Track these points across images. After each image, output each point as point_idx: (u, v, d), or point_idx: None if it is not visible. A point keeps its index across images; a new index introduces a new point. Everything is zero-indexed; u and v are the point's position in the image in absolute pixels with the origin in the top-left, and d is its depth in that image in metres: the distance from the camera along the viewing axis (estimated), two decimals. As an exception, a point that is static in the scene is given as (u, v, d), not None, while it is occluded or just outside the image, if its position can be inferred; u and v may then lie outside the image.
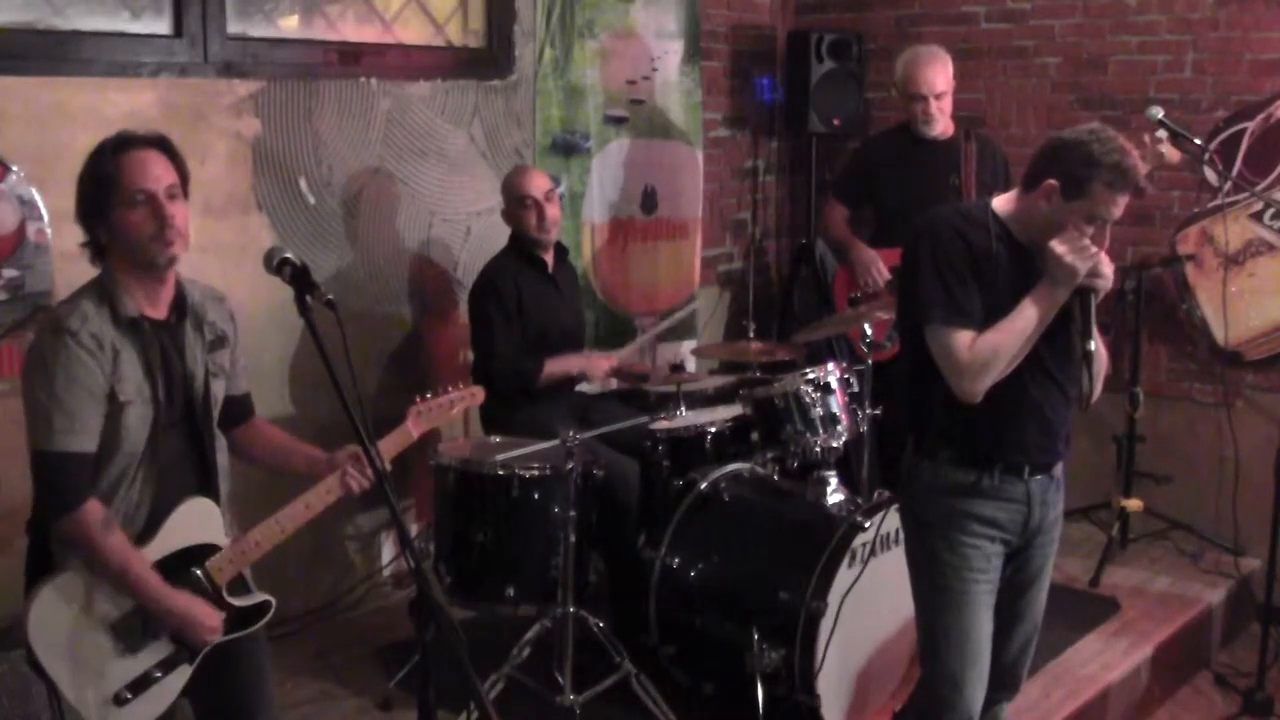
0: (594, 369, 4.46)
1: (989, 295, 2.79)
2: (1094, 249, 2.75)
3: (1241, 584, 4.98)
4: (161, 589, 2.64)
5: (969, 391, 2.79)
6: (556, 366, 4.33)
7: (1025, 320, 2.76)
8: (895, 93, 5.16)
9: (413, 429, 3.04)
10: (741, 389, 4.52)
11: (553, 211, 4.38)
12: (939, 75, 4.82)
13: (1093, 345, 2.78)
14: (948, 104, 4.88)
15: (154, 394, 2.66)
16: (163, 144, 2.70)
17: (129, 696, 2.64)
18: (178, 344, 2.73)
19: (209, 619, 2.69)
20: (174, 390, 2.72)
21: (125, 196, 2.62)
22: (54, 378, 2.55)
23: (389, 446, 3.00)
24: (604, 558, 4.17)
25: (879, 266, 4.92)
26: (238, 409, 2.96)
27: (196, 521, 2.74)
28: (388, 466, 2.79)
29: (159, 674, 2.68)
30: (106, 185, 2.62)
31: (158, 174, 2.64)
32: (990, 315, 2.78)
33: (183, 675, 2.71)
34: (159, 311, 2.71)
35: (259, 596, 2.82)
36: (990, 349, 2.76)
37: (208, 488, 2.78)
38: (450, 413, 3.14)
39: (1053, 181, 2.74)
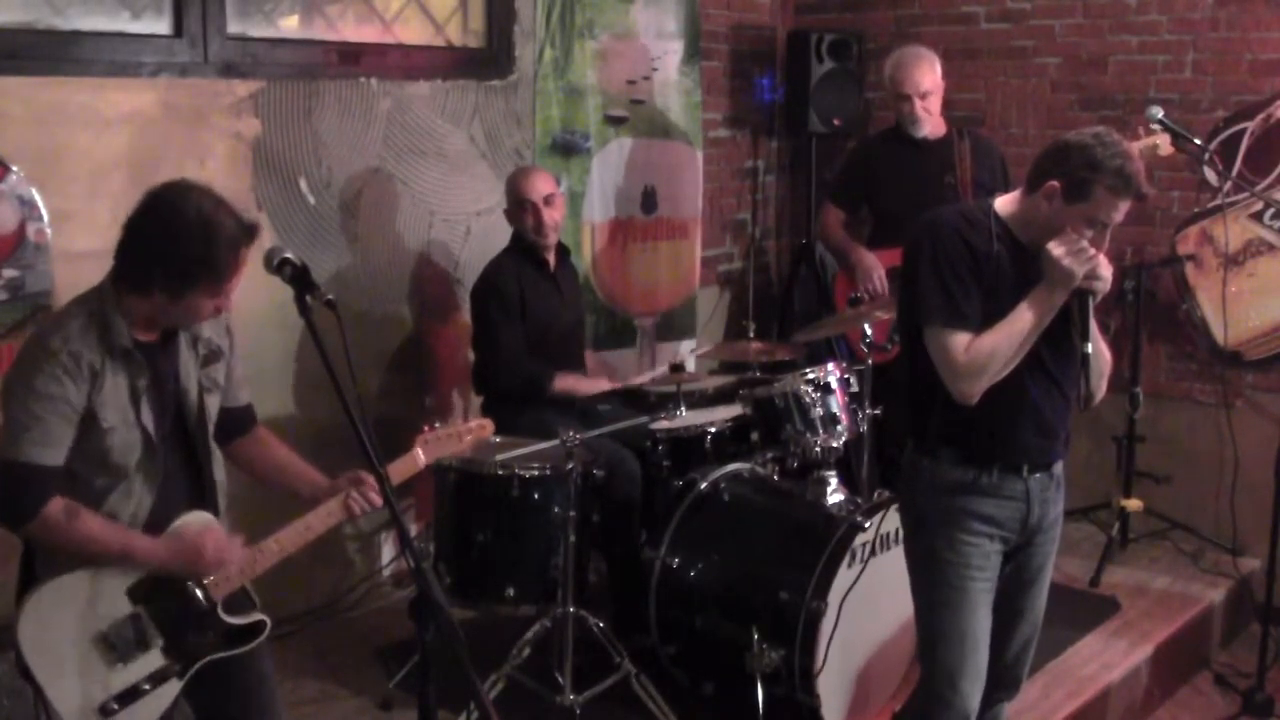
0: (599, 391, 4.46)
1: (989, 296, 2.80)
2: (1091, 251, 2.75)
3: (1241, 584, 4.98)
4: (149, 544, 2.62)
5: (965, 393, 2.79)
6: (565, 385, 4.33)
7: (1022, 322, 2.77)
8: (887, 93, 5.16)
9: (420, 457, 3.01)
10: (741, 389, 4.51)
11: (552, 216, 4.37)
12: (925, 75, 4.81)
13: (1090, 347, 2.79)
14: (935, 103, 4.87)
15: (139, 419, 2.64)
16: (254, 233, 2.67)
17: (116, 708, 2.62)
18: (170, 362, 2.72)
19: (212, 541, 2.65)
20: (166, 407, 2.70)
21: (216, 289, 2.61)
22: (29, 392, 2.54)
23: (395, 472, 2.91)
24: (604, 557, 4.17)
25: (880, 274, 4.90)
26: (237, 420, 2.93)
27: None
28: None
29: (148, 687, 2.65)
30: (210, 273, 2.58)
31: (242, 272, 2.65)
32: (991, 316, 2.79)
33: (172, 689, 2.69)
34: (151, 334, 2.69)
35: (254, 616, 2.80)
36: (987, 351, 2.76)
37: (204, 502, 2.77)
38: (459, 444, 3.10)
39: (1055, 183, 2.74)
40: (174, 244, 2.56)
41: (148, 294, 2.60)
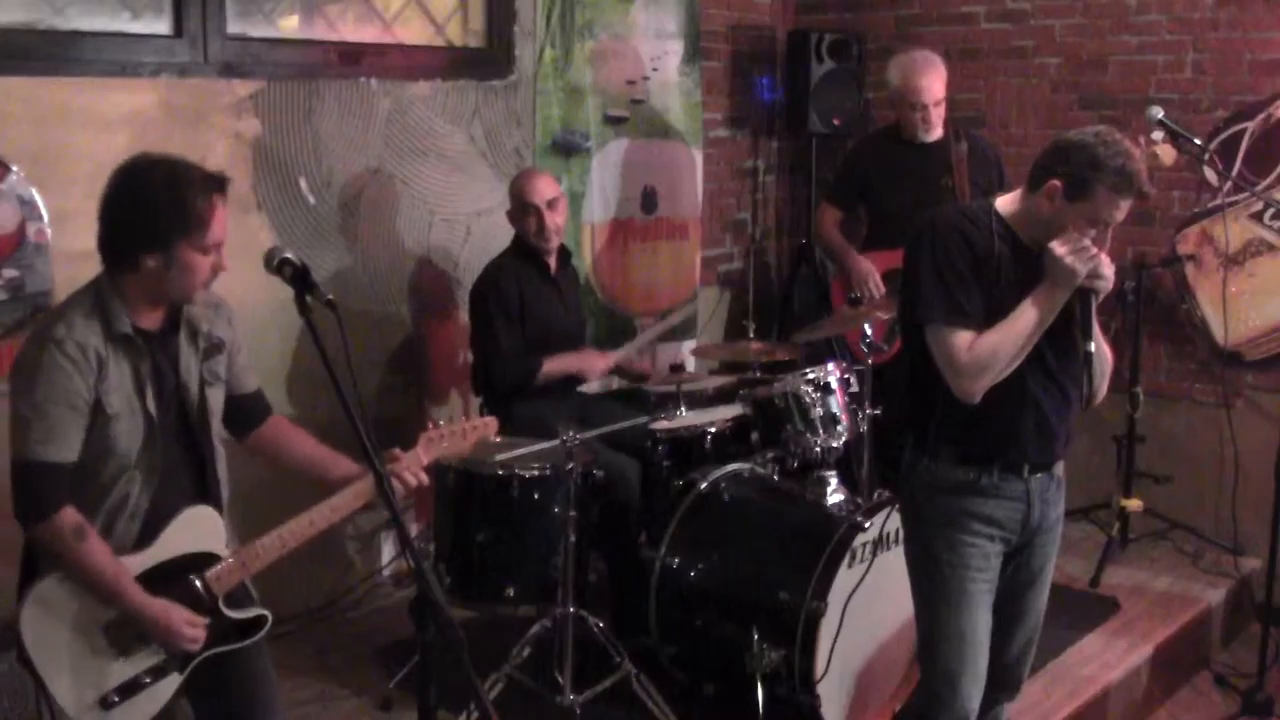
0: (591, 368, 4.46)
1: (991, 295, 2.80)
2: (1094, 250, 2.75)
3: (1241, 584, 4.99)
4: (138, 596, 2.60)
5: (967, 391, 2.79)
6: (554, 365, 4.33)
7: (1025, 321, 2.76)
8: (891, 95, 5.16)
9: (423, 455, 3.00)
10: (741, 389, 4.51)
11: (555, 220, 4.37)
12: (936, 83, 4.82)
13: (1092, 346, 2.79)
14: (944, 109, 4.88)
15: (143, 406, 2.64)
16: (226, 185, 2.68)
17: (116, 700, 2.62)
18: (170, 354, 2.71)
19: (188, 627, 2.64)
20: (167, 400, 2.69)
21: (203, 241, 2.59)
22: (35, 387, 2.54)
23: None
24: (604, 558, 4.17)
25: (875, 280, 4.90)
26: (249, 408, 2.92)
27: (197, 530, 2.72)
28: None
29: (148, 680, 2.66)
30: (188, 221, 2.57)
31: (226, 227, 2.64)
32: (993, 315, 2.78)
33: (172, 683, 2.69)
34: (153, 323, 2.69)
35: (255, 610, 2.80)
36: (989, 350, 2.76)
37: (207, 495, 2.77)
38: (462, 443, 3.09)
39: (1056, 183, 2.74)
40: (146, 204, 2.58)
41: (139, 267, 2.60)
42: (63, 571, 2.59)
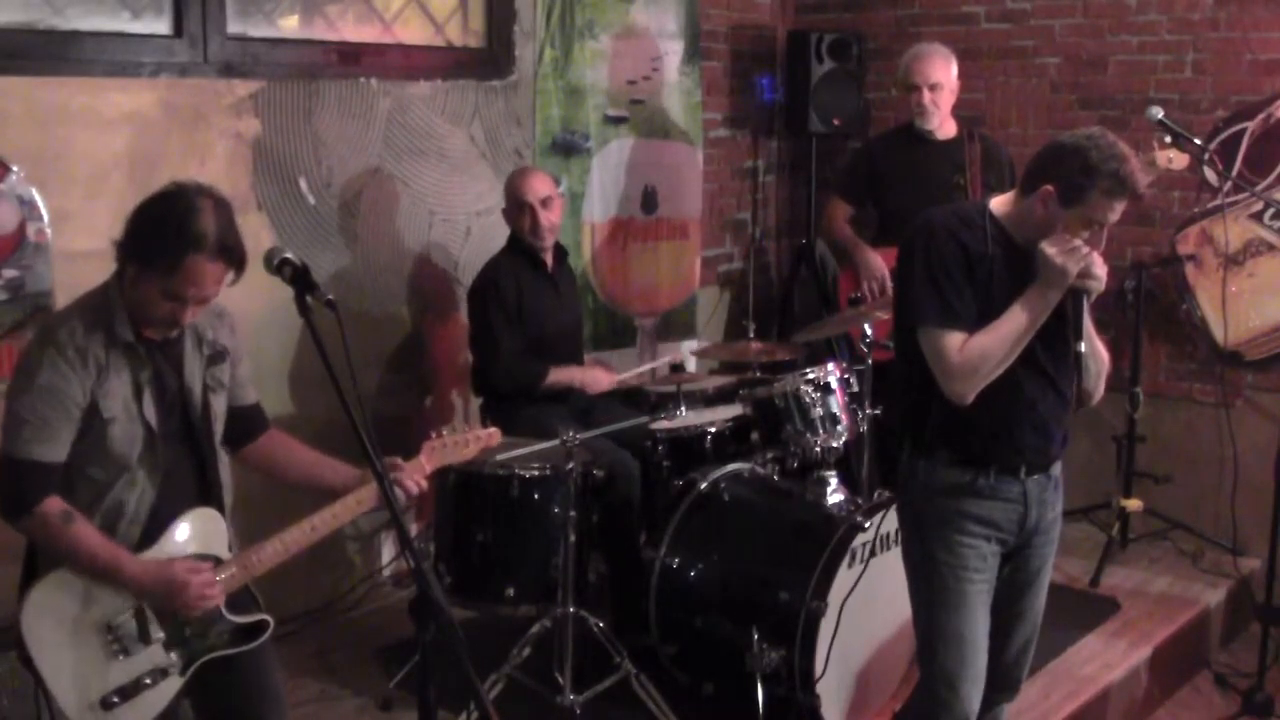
0: (594, 384, 4.45)
1: (984, 297, 2.79)
2: (1085, 250, 2.73)
3: (1241, 584, 4.98)
4: (138, 562, 2.61)
5: (959, 393, 2.78)
6: (559, 376, 4.33)
7: (1016, 323, 2.76)
8: (896, 90, 5.17)
9: (426, 463, 3.00)
10: (741, 389, 4.52)
11: (549, 218, 4.36)
12: (936, 67, 4.83)
13: (1083, 347, 2.78)
14: (945, 99, 4.87)
15: (140, 412, 2.65)
16: (235, 258, 2.61)
17: (116, 701, 2.62)
18: (174, 360, 2.72)
19: (200, 575, 2.64)
20: (169, 406, 2.70)
21: (166, 284, 2.58)
22: (32, 386, 2.56)
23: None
24: (604, 558, 4.17)
25: (883, 277, 4.88)
26: (247, 420, 2.93)
27: (200, 532, 2.73)
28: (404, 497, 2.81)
29: (149, 682, 2.66)
30: (155, 257, 2.56)
31: (204, 289, 2.60)
32: (985, 317, 2.78)
33: (173, 685, 2.69)
34: (157, 332, 2.70)
35: (258, 615, 2.81)
36: (980, 352, 2.76)
37: (209, 499, 2.77)
38: (465, 451, 3.10)
39: (1050, 187, 2.73)
40: (145, 219, 2.59)
41: (123, 270, 2.62)
42: (62, 567, 2.60)
